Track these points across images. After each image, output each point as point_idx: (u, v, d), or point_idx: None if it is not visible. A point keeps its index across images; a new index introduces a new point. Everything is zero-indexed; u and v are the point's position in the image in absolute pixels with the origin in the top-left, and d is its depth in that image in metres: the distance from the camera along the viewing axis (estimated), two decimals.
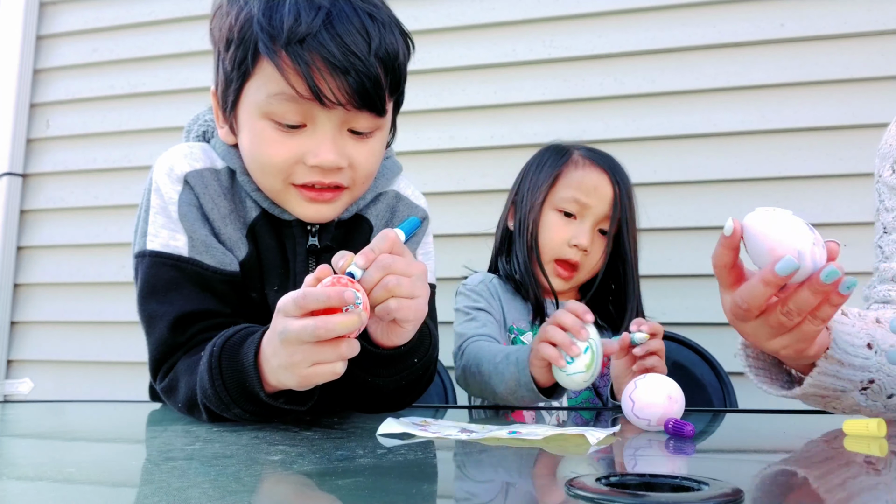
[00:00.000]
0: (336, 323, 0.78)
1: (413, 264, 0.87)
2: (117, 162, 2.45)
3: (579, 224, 1.55)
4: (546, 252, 1.56)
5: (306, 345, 0.80)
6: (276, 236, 1.09)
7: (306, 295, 0.79)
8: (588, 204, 1.54)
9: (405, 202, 1.20)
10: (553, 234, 1.56)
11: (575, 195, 1.55)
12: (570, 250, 1.54)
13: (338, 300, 0.78)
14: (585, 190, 1.55)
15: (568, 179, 1.57)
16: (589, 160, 1.59)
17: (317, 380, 0.83)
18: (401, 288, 0.84)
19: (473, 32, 2.15)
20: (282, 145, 1.01)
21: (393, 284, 0.84)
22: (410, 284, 0.85)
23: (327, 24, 0.96)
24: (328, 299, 0.78)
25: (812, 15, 1.90)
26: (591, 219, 1.55)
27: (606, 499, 0.49)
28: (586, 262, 1.56)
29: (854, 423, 0.82)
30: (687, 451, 0.80)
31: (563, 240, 1.55)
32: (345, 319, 0.79)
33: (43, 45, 2.58)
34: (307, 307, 0.79)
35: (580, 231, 1.54)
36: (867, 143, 1.86)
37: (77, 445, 0.88)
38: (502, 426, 0.93)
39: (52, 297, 2.49)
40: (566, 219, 1.56)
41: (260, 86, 1.00)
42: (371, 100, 0.99)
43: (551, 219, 1.57)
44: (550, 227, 1.57)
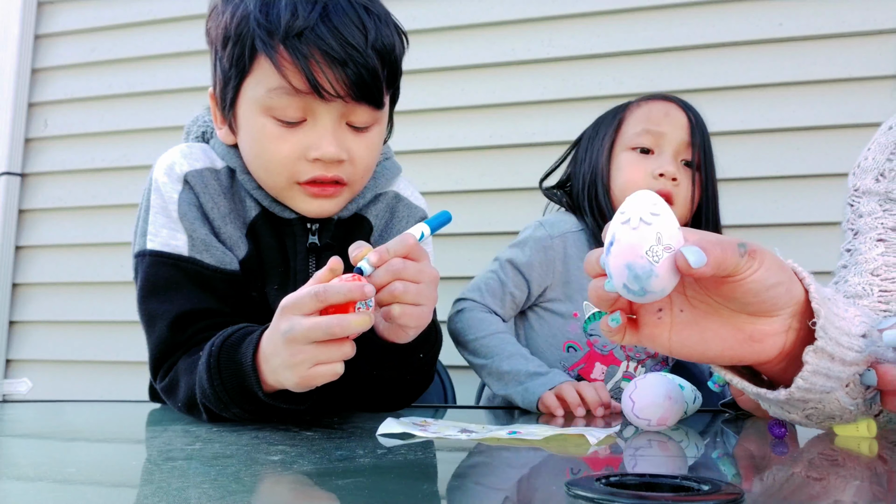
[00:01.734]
0: (351, 321, 0.79)
1: (424, 271, 0.87)
2: (116, 161, 2.44)
3: (658, 155, 1.40)
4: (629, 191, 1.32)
5: (311, 344, 0.80)
6: (276, 235, 1.09)
7: (327, 289, 0.79)
8: (662, 132, 1.40)
9: (404, 202, 1.20)
10: (632, 171, 1.41)
11: (645, 126, 1.41)
12: (656, 182, 1.38)
13: (359, 293, 0.79)
14: (656, 119, 1.41)
15: (634, 117, 1.45)
16: (650, 98, 1.47)
17: (317, 381, 0.83)
18: (407, 295, 0.85)
19: (472, 32, 2.15)
20: (283, 141, 1.02)
21: (399, 291, 0.84)
22: (417, 292, 0.85)
23: (324, 17, 0.97)
24: (349, 292, 0.79)
25: (810, 14, 1.90)
26: (669, 148, 1.40)
27: (606, 499, 0.49)
28: (680, 193, 1.39)
29: (844, 424, 0.82)
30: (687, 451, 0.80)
31: (646, 173, 1.39)
32: (359, 318, 0.79)
33: (41, 44, 2.58)
34: (328, 300, 0.79)
35: (662, 161, 1.39)
36: (865, 143, 1.86)
37: (77, 445, 0.88)
38: (502, 426, 0.93)
39: (51, 297, 2.49)
40: (642, 155, 1.41)
41: (258, 82, 1.00)
42: (369, 91, 1.00)
43: (625, 159, 1.42)
44: (626, 166, 1.42)
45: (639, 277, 0.61)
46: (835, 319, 0.69)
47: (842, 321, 0.70)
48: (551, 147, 2.05)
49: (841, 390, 0.73)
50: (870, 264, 1.06)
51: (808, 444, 0.85)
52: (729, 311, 0.67)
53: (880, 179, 1.11)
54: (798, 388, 0.69)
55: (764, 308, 0.66)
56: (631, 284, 0.61)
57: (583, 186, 1.47)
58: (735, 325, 0.67)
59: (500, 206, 2.08)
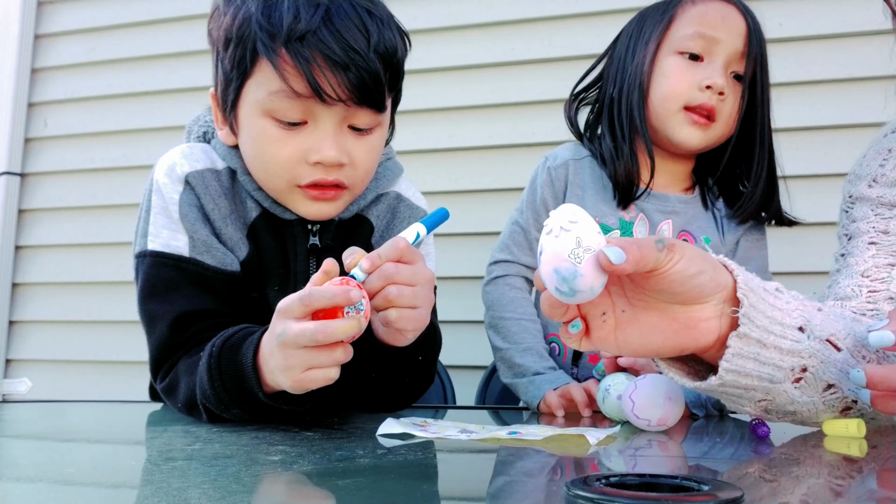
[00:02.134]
0: (335, 328, 0.78)
1: (418, 273, 0.86)
2: (115, 161, 2.44)
3: (708, 64, 1.25)
4: (671, 100, 1.26)
5: (303, 349, 0.80)
6: (277, 236, 1.09)
7: (312, 293, 0.79)
8: (717, 38, 1.25)
9: (406, 203, 1.20)
10: (677, 79, 1.26)
11: (699, 30, 1.25)
12: (701, 94, 1.24)
13: (344, 299, 0.78)
14: (711, 22, 1.25)
15: (687, 17, 1.28)
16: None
17: (311, 385, 0.83)
18: (402, 299, 0.85)
19: (472, 32, 2.15)
20: (284, 144, 1.01)
21: (394, 295, 0.84)
22: (412, 295, 0.85)
23: (327, 20, 0.97)
24: (334, 297, 0.78)
25: (810, 14, 1.90)
26: (722, 56, 1.25)
27: (606, 499, 0.49)
28: (724, 109, 1.26)
29: (834, 424, 0.83)
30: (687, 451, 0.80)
31: (692, 83, 1.25)
32: (344, 325, 0.79)
33: (41, 44, 2.58)
34: (312, 305, 0.79)
35: (712, 70, 1.24)
36: (865, 143, 1.87)
37: (76, 446, 0.88)
38: (502, 426, 0.93)
39: (51, 297, 2.49)
40: (691, 62, 1.26)
41: (260, 84, 1.00)
42: (371, 95, 1.00)
43: (671, 64, 1.27)
44: (672, 72, 1.27)
45: (566, 279, 0.67)
46: (766, 308, 0.74)
47: (775, 311, 0.75)
48: (551, 147, 2.04)
49: (787, 382, 0.77)
50: (860, 266, 1.07)
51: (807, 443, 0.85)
52: (663, 304, 0.73)
53: (873, 185, 1.12)
54: (726, 370, 0.74)
55: (692, 296, 0.72)
56: (560, 286, 0.68)
57: (617, 90, 1.33)
58: (670, 315, 0.73)
59: (499, 205, 2.07)
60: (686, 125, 1.26)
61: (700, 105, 1.25)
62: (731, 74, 1.27)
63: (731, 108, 1.27)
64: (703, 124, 1.26)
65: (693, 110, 1.25)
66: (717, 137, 1.29)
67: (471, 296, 2.03)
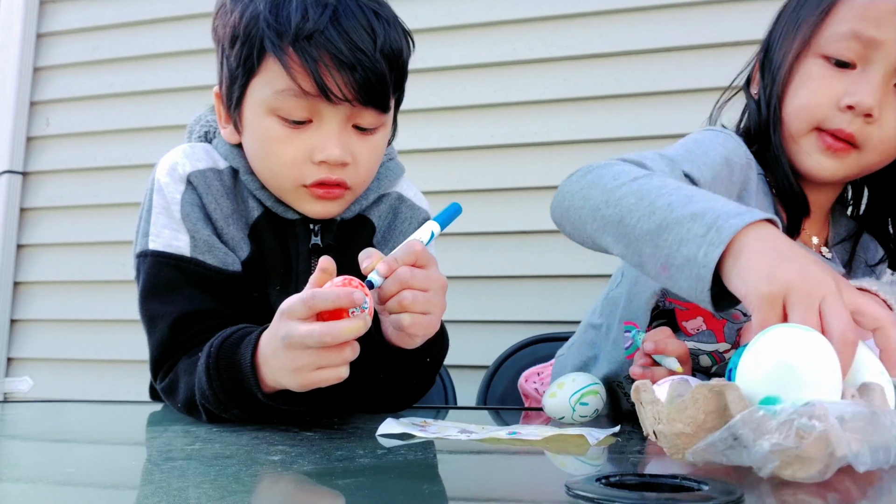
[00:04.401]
0: (341, 329, 0.78)
1: (432, 278, 0.87)
2: (117, 160, 2.44)
3: (860, 73, 0.99)
4: (801, 119, 1.02)
5: (310, 350, 0.80)
6: (279, 236, 1.09)
7: (315, 295, 0.79)
8: (878, 39, 0.97)
9: (407, 204, 1.20)
10: (811, 91, 1.01)
11: (855, 28, 0.98)
12: (840, 116, 0.99)
13: (347, 300, 0.78)
14: (875, 18, 0.97)
15: (846, 9, 1.00)
16: None
17: (321, 384, 0.83)
18: (416, 304, 0.85)
19: (474, 31, 2.15)
20: (288, 142, 1.02)
21: (408, 301, 0.85)
22: (426, 300, 0.86)
23: (334, 20, 0.97)
24: (337, 299, 0.78)
25: None
26: (881, 64, 0.98)
27: (606, 499, 0.49)
28: (874, 135, 0.99)
29: None
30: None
31: (830, 99, 1.00)
32: (350, 325, 0.79)
33: (43, 42, 2.58)
34: (316, 307, 0.79)
35: (860, 83, 0.98)
36: None
37: (76, 446, 0.88)
38: (502, 426, 0.93)
39: (52, 295, 2.49)
40: (837, 70, 1.00)
41: (266, 83, 1.00)
42: (377, 95, 1.00)
43: (812, 70, 1.02)
44: (809, 81, 1.02)
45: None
46: None
47: None
48: (552, 147, 2.05)
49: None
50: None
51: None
52: None
53: None
54: None
55: None
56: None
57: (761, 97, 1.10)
58: None
59: (501, 205, 2.08)
60: (816, 152, 1.02)
61: (836, 130, 1.00)
62: (893, 85, 1.00)
63: (889, 133, 1.00)
64: (839, 150, 1.00)
65: (829, 133, 1.01)
66: (862, 168, 1.04)
67: (472, 295, 2.03)
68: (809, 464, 0.56)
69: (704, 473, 0.60)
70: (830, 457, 0.55)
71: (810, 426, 0.55)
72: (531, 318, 1.96)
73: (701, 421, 0.63)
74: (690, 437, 0.63)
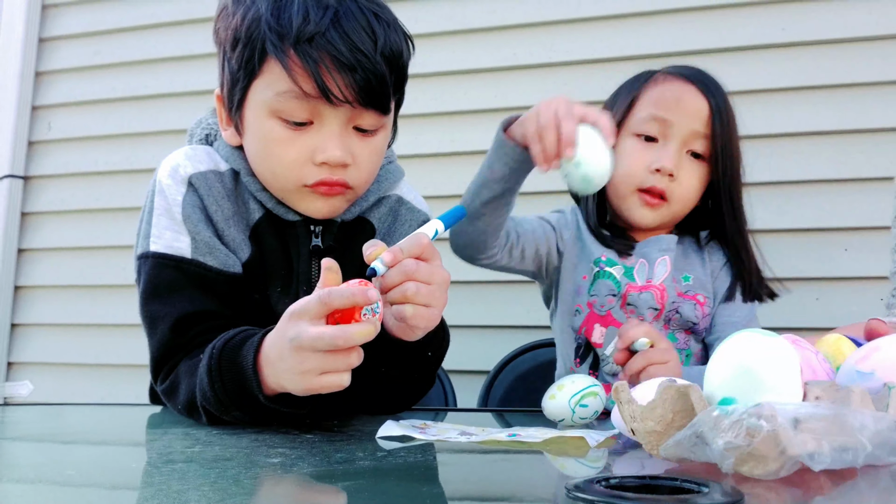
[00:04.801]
0: (353, 332, 0.78)
1: (436, 272, 0.87)
2: (119, 164, 2.44)
3: (662, 145, 1.31)
4: (626, 183, 1.31)
5: (318, 353, 0.80)
6: (280, 237, 1.09)
7: (331, 292, 0.79)
8: (669, 120, 1.30)
9: (407, 206, 1.20)
10: (630, 160, 1.30)
11: (653, 112, 1.31)
12: (652, 177, 1.29)
13: (363, 298, 0.78)
14: (665, 105, 1.31)
15: (646, 98, 1.34)
16: (671, 74, 1.36)
17: (322, 390, 0.83)
18: (419, 296, 0.85)
19: (474, 36, 2.15)
20: (290, 144, 1.02)
21: (412, 292, 0.85)
22: (429, 293, 0.86)
23: (335, 22, 0.98)
24: (353, 296, 0.78)
25: (814, 19, 1.90)
26: (676, 139, 1.30)
27: (606, 501, 0.49)
28: (676, 190, 1.31)
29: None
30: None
31: (642, 165, 1.30)
32: (362, 329, 0.79)
33: (45, 47, 2.59)
34: (332, 304, 0.79)
35: (662, 153, 1.29)
36: (869, 148, 1.86)
37: (76, 448, 0.88)
38: (502, 429, 0.93)
39: (53, 300, 2.49)
40: (646, 143, 1.32)
41: (267, 85, 1.01)
42: (377, 97, 1.01)
43: (628, 145, 1.32)
44: (626, 154, 1.31)
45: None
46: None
47: None
48: None
49: None
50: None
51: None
52: None
53: None
54: None
55: None
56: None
57: None
58: None
59: None
60: (639, 206, 1.32)
61: (650, 187, 1.30)
62: (688, 153, 1.32)
63: (686, 188, 1.31)
64: (655, 205, 1.31)
65: (646, 192, 1.30)
66: (673, 215, 1.34)
67: (472, 300, 2.03)
68: (764, 461, 0.59)
69: (705, 475, 0.60)
70: (783, 455, 0.58)
71: (759, 426, 0.58)
72: (532, 324, 1.95)
73: (670, 420, 0.68)
74: (661, 434, 0.68)
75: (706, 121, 1.30)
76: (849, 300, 1.78)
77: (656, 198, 1.31)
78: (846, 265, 1.81)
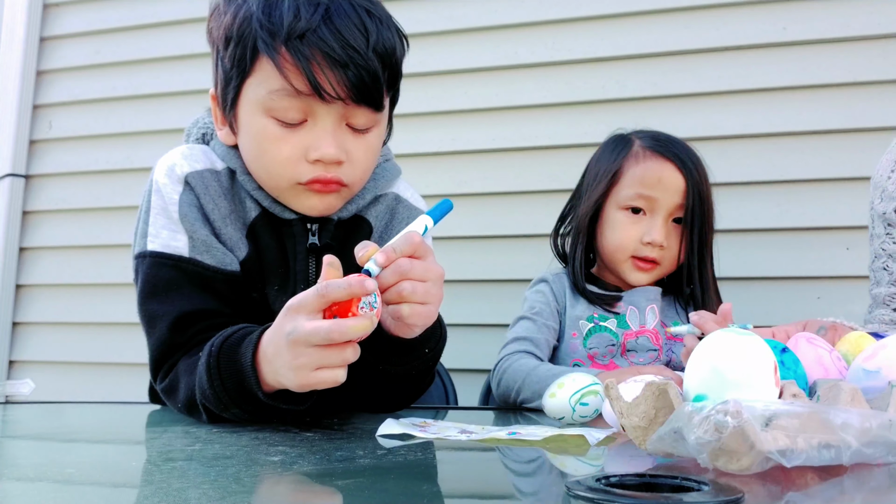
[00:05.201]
0: (349, 326, 0.78)
1: (431, 269, 0.87)
2: (119, 163, 2.45)
3: (650, 220, 1.46)
4: (620, 251, 1.47)
5: (314, 347, 0.80)
6: (276, 235, 1.10)
7: (329, 284, 0.79)
8: (654, 197, 1.46)
9: (404, 204, 1.20)
10: (622, 233, 1.47)
11: (639, 191, 1.46)
12: (644, 248, 1.46)
13: (360, 289, 0.78)
14: (650, 184, 1.46)
15: (629, 176, 1.48)
16: (650, 150, 1.49)
17: (317, 385, 0.83)
18: (415, 295, 0.85)
19: (475, 35, 2.15)
20: (284, 142, 1.02)
21: (408, 291, 0.85)
22: (424, 291, 0.86)
23: (326, 19, 0.98)
24: (350, 287, 0.79)
25: (814, 18, 1.90)
26: (661, 212, 1.46)
27: (606, 499, 0.49)
28: (666, 255, 1.47)
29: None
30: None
31: (635, 237, 1.46)
32: (358, 323, 0.79)
33: (46, 46, 2.59)
34: (329, 296, 0.79)
35: (652, 227, 1.45)
36: (869, 147, 1.86)
37: (77, 446, 0.88)
38: (502, 427, 0.93)
39: (54, 298, 2.49)
40: (634, 216, 1.47)
41: (259, 83, 1.01)
42: (370, 94, 1.01)
43: (618, 218, 1.48)
44: (618, 226, 1.48)
45: None
46: None
47: None
48: (554, 150, 2.05)
49: None
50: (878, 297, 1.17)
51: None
52: None
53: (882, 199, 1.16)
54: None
55: None
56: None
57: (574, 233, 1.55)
58: None
59: (502, 209, 2.08)
60: (634, 270, 1.47)
61: (644, 257, 1.46)
62: (671, 220, 1.47)
63: (673, 251, 1.48)
64: (648, 269, 1.47)
65: (639, 259, 1.46)
66: (663, 272, 1.50)
67: (472, 298, 2.03)
68: (736, 457, 0.60)
69: (705, 474, 0.60)
70: (752, 450, 0.59)
71: (724, 422, 0.60)
72: None
73: (653, 416, 0.69)
74: (646, 430, 0.69)
75: (683, 192, 1.45)
76: (850, 299, 1.78)
77: (649, 263, 1.47)
78: (847, 264, 1.80)
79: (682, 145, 1.50)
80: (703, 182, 1.48)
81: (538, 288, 1.54)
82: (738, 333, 0.72)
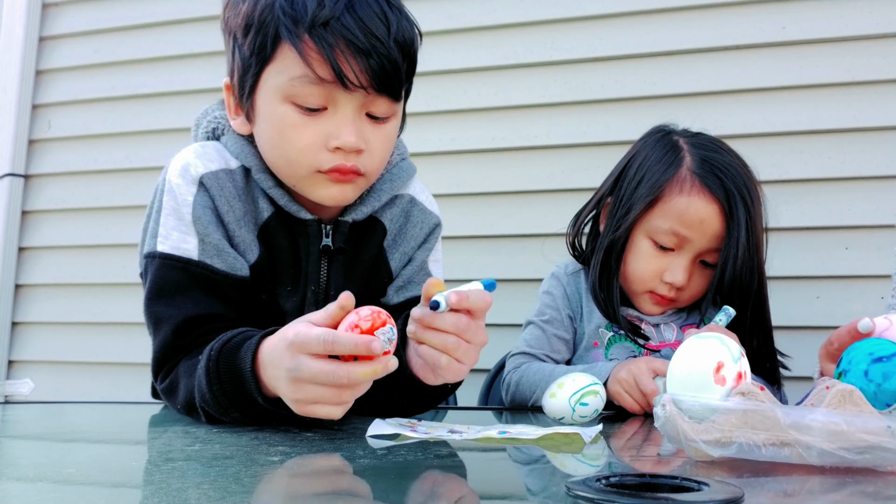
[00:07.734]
0: (359, 372, 0.78)
1: (480, 334, 0.88)
2: (119, 163, 2.44)
3: (676, 258, 1.35)
4: (637, 283, 1.38)
5: (318, 385, 0.80)
6: (290, 236, 1.09)
7: (336, 340, 0.78)
8: (689, 237, 1.33)
9: (419, 208, 1.20)
10: (644, 265, 1.36)
11: (674, 228, 1.33)
12: (662, 285, 1.36)
13: (364, 350, 0.77)
14: (688, 223, 1.33)
15: (670, 207, 1.34)
16: (699, 180, 1.34)
17: (313, 416, 0.83)
18: (457, 351, 0.86)
19: (474, 34, 2.15)
20: (304, 129, 1.02)
21: (452, 346, 0.85)
22: (466, 351, 0.87)
23: (349, 8, 0.99)
24: (356, 347, 0.78)
25: (813, 17, 1.90)
26: (690, 252, 1.35)
27: (606, 499, 0.49)
28: (684, 296, 1.38)
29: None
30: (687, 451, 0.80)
31: (655, 273, 1.36)
32: (367, 370, 0.78)
33: (45, 45, 2.58)
34: (334, 352, 0.79)
35: (676, 266, 1.35)
36: (868, 146, 1.86)
37: (77, 446, 0.88)
38: (490, 426, 0.93)
39: (54, 298, 2.49)
40: (660, 251, 1.36)
41: (280, 70, 1.01)
42: (391, 83, 1.01)
43: (643, 247, 1.37)
44: (641, 256, 1.37)
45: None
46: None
47: None
48: (553, 150, 2.05)
49: None
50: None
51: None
52: None
53: None
54: None
55: None
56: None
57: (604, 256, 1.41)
58: None
59: (501, 208, 2.08)
60: (649, 303, 1.40)
61: (661, 295, 1.38)
62: (698, 261, 1.37)
63: (692, 293, 1.39)
64: (663, 305, 1.40)
65: (657, 295, 1.38)
66: (678, 307, 1.42)
67: None
68: (679, 444, 0.69)
69: (705, 473, 0.60)
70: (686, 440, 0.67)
71: (656, 413, 0.71)
72: None
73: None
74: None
75: (720, 239, 1.34)
76: (850, 299, 1.78)
77: (665, 301, 1.39)
78: (847, 264, 1.80)
79: (734, 171, 1.36)
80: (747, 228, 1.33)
81: (550, 289, 1.47)
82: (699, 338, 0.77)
